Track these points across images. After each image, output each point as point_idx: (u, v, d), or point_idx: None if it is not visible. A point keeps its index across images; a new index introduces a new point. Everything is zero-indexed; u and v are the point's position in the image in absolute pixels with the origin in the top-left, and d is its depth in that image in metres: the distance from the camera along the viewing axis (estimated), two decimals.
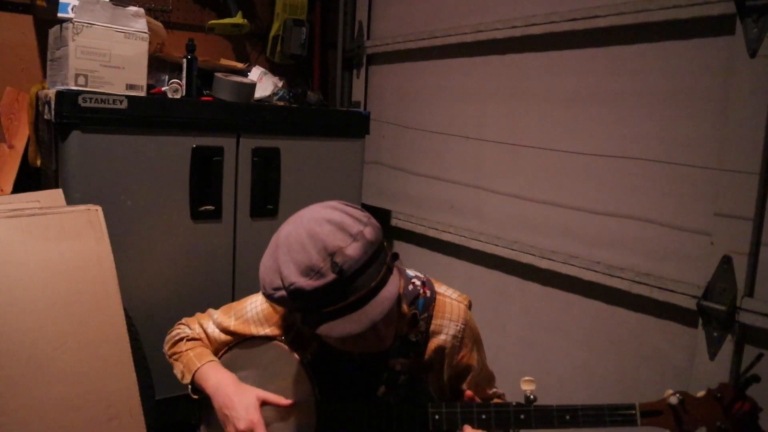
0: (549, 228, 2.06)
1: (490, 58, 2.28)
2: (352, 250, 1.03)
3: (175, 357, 1.38)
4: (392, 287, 1.06)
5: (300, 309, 1.08)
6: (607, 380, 1.89)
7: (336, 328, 1.03)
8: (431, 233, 2.48)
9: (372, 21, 2.89)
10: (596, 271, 1.86)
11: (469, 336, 1.28)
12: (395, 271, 1.11)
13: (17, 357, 1.42)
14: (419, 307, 1.25)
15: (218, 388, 1.26)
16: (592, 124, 1.92)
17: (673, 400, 1.06)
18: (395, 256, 1.13)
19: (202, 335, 1.40)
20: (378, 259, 1.07)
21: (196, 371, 1.31)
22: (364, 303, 1.03)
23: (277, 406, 1.25)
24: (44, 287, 1.50)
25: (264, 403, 1.24)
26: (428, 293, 1.26)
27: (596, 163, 1.90)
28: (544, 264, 2.02)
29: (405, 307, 1.22)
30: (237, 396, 1.24)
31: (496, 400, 1.36)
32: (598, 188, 1.91)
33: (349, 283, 1.03)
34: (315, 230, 1.05)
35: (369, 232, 1.06)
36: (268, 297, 1.09)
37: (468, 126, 2.37)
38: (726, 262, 1.55)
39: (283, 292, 1.05)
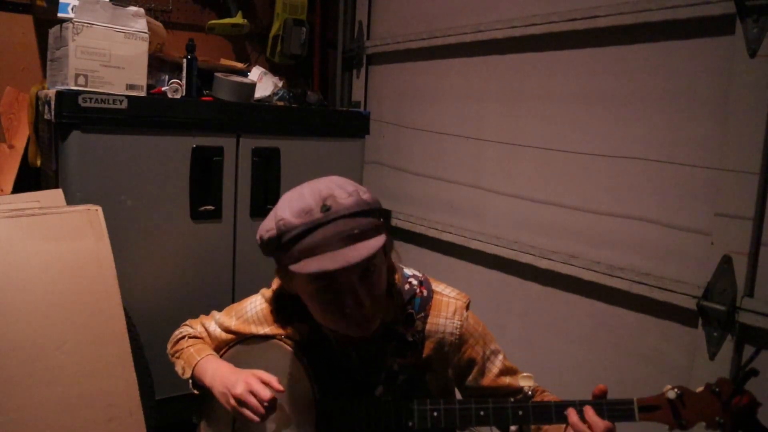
0: (549, 228, 2.06)
1: (490, 58, 2.28)
2: (344, 199, 1.08)
3: (177, 355, 1.39)
4: (376, 242, 1.06)
5: (282, 246, 1.09)
6: (608, 380, 1.88)
7: (311, 264, 1.04)
8: (431, 233, 2.48)
9: (372, 21, 2.89)
10: (596, 271, 1.86)
11: (468, 332, 1.27)
12: (385, 237, 1.11)
13: (17, 357, 1.42)
14: (416, 306, 1.24)
15: (215, 377, 1.27)
16: (592, 124, 1.92)
17: (672, 394, 1.05)
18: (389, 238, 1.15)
19: (204, 334, 1.42)
20: (369, 217, 1.10)
21: (196, 365, 1.32)
22: (344, 245, 1.04)
23: (270, 387, 1.24)
24: (44, 287, 1.50)
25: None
26: (425, 292, 1.26)
27: (596, 163, 1.90)
28: (544, 264, 2.02)
29: (401, 291, 1.23)
30: (232, 372, 1.26)
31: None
32: (598, 188, 1.91)
33: (332, 222, 1.06)
34: (315, 185, 1.12)
35: (365, 194, 1.12)
36: (260, 241, 1.13)
37: (468, 126, 2.37)
38: (726, 262, 1.55)
39: (272, 231, 1.10)
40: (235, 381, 1.22)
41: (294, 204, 1.09)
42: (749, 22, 1.49)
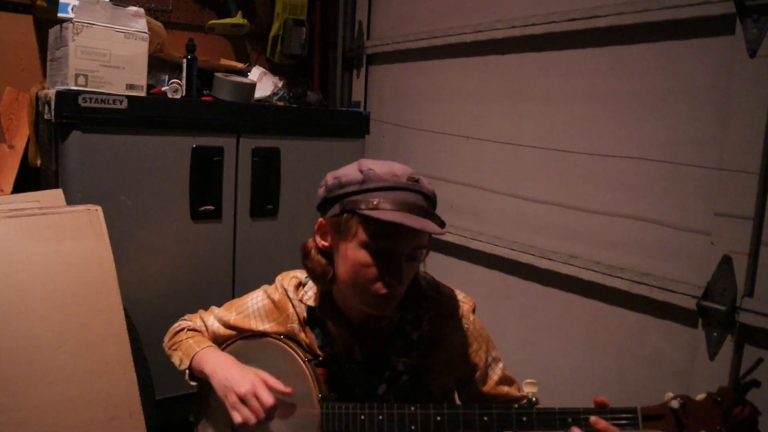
0: (549, 228, 2.06)
1: (490, 58, 2.28)
2: (427, 183, 1.16)
3: (174, 347, 1.38)
4: (442, 229, 1.11)
5: (362, 190, 1.10)
6: (607, 380, 1.89)
7: (393, 215, 1.06)
8: None
9: (372, 21, 2.89)
10: (596, 271, 1.86)
11: (473, 336, 1.27)
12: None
13: (17, 357, 1.42)
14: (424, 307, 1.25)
15: (217, 367, 1.26)
16: (592, 124, 1.92)
17: (675, 404, 1.06)
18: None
19: (203, 328, 1.41)
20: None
21: (194, 355, 1.31)
22: (421, 215, 1.09)
23: (276, 392, 1.24)
24: (44, 287, 1.50)
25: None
26: (433, 294, 1.27)
27: (596, 163, 1.90)
28: (544, 264, 2.02)
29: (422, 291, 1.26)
30: (236, 369, 1.25)
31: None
32: (598, 188, 1.91)
33: (418, 192, 1.12)
34: (398, 163, 1.16)
35: None
36: (334, 181, 1.14)
37: (468, 126, 2.37)
38: (726, 262, 1.55)
39: (356, 176, 1.12)
40: (241, 379, 1.21)
41: (380, 166, 1.13)
42: (749, 22, 1.49)
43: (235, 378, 1.22)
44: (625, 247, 1.84)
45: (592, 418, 1.07)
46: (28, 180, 2.23)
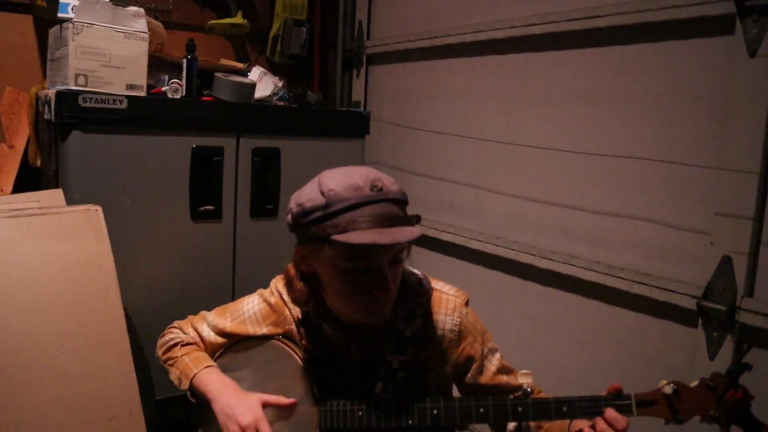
0: (549, 228, 2.06)
1: (489, 58, 2.28)
2: (391, 185, 1.11)
3: (170, 363, 1.37)
4: (417, 230, 1.09)
5: (327, 216, 1.08)
6: (607, 380, 1.87)
7: (361, 236, 1.04)
8: (431, 233, 2.48)
9: (372, 21, 2.89)
10: (596, 271, 1.86)
11: (467, 329, 1.28)
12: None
13: (17, 357, 1.42)
14: (415, 303, 1.25)
15: (218, 393, 1.26)
16: (592, 124, 1.92)
17: (668, 389, 1.08)
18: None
19: (197, 339, 1.39)
20: (406, 210, 1.15)
21: (193, 377, 1.30)
22: (392, 225, 1.07)
23: (278, 406, 1.25)
24: (44, 287, 1.50)
25: (265, 405, 1.24)
26: (424, 290, 1.27)
27: (596, 163, 1.90)
28: (544, 264, 2.02)
29: (412, 287, 1.25)
30: (239, 398, 1.24)
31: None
32: (598, 188, 1.91)
33: (382, 202, 1.08)
34: (357, 169, 1.13)
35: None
36: (298, 209, 1.11)
37: (468, 126, 2.37)
38: (726, 262, 1.55)
39: (318, 200, 1.08)
40: (245, 410, 1.21)
41: (340, 180, 1.09)
42: (749, 22, 1.49)
43: (239, 408, 1.22)
44: (625, 247, 1.84)
45: (607, 410, 1.09)
46: (28, 180, 2.23)
